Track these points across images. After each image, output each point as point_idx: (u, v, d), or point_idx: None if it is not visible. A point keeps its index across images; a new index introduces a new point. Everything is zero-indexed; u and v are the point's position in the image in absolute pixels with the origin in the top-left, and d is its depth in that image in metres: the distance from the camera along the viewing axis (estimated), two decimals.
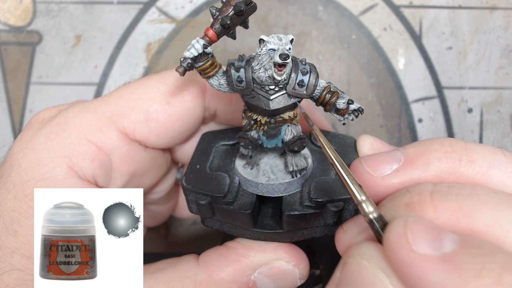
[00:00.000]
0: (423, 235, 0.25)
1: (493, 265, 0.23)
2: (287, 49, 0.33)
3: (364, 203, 0.29)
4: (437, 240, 0.25)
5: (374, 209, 0.29)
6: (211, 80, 0.37)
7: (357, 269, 0.28)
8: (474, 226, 0.26)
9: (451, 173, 0.31)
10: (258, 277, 0.39)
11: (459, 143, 0.32)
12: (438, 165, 0.32)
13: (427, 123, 0.63)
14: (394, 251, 0.25)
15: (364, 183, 0.33)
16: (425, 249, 0.24)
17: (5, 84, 0.63)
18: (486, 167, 0.31)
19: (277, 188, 0.39)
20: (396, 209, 0.30)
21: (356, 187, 0.30)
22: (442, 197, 0.28)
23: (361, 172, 0.34)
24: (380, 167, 0.33)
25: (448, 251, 0.24)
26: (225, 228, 0.41)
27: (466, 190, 0.28)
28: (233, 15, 0.34)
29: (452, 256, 0.24)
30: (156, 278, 0.38)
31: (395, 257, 0.25)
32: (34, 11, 0.64)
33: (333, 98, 0.36)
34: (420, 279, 0.24)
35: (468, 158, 0.31)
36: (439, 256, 0.24)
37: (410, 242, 0.25)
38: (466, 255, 0.24)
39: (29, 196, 0.36)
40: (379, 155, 0.34)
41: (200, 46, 0.34)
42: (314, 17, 0.64)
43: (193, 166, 0.41)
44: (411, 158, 0.33)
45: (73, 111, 0.40)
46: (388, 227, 0.26)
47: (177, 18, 0.64)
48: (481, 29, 0.62)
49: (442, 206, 0.27)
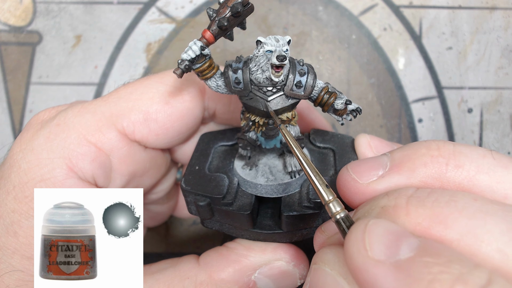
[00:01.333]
0: (380, 239, 0.24)
1: (446, 276, 0.22)
2: (284, 51, 0.33)
3: (331, 204, 0.28)
4: (394, 246, 0.24)
5: (341, 209, 0.28)
6: (209, 81, 0.37)
7: (321, 276, 0.27)
8: (447, 234, 0.25)
9: (437, 178, 0.30)
10: (258, 278, 0.39)
11: (447, 146, 0.31)
12: (424, 171, 0.30)
13: (427, 123, 0.63)
14: (351, 257, 0.24)
15: (350, 191, 0.32)
16: (379, 255, 0.23)
17: (5, 84, 0.63)
18: (474, 171, 0.29)
19: (276, 188, 0.39)
20: (370, 212, 0.29)
21: (323, 187, 0.29)
22: (418, 203, 0.27)
23: (347, 180, 0.33)
24: (366, 174, 0.32)
25: (403, 258, 0.23)
26: (225, 229, 0.41)
27: (445, 196, 0.27)
28: (230, 16, 0.34)
29: (406, 264, 0.23)
30: (157, 278, 0.38)
31: (351, 262, 0.24)
32: (34, 11, 0.64)
33: (331, 98, 0.36)
34: (374, 287, 0.23)
35: (456, 162, 0.30)
36: (392, 263, 0.23)
37: (367, 247, 0.24)
38: (420, 264, 0.23)
39: (29, 197, 0.36)
40: (366, 161, 0.34)
41: (197, 48, 0.34)
42: (314, 17, 0.64)
43: (192, 167, 0.41)
44: (397, 164, 0.32)
45: (72, 112, 0.40)
46: (349, 230, 0.25)
47: (177, 18, 0.64)
48: (481, 29, 0.62)
49: (415, 212, 0.26)
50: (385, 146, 0.40)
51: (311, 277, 0.29)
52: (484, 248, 0.24)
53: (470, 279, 0.21)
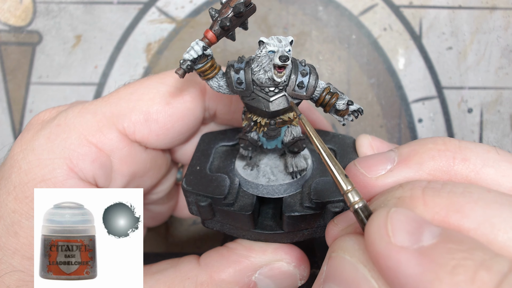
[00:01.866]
0: (402, 226, 0.24)
1: (469, 262, 0.22)
2: (286, 51, 0.33)
3: (350, 193, 0.28)
4: (417, 233, 0.24)
5: (359, 198, 0.28)
6: (211, 81, 0.37)
7: (340, 264, 0.27)
8: (464, 222, 0.26)
9: (445, 171, 0.31)
10: (259, 278, 0.39)
11: (453, 142, 0.32)
12: (432, 164, 0.31)
13: (427, 123, 0.63)
14: (373, 243, 0.25)
15: (359, 185, 0.33)
16: (403, 241, 0.24)
17: (5, 84, 0.63)
18: (480, 165, 0.30)
19: (277, 189, 0.39)
20: (386, 202, 0.29)
21: (342, 176, 0.29)
22: (434, 193, 0.28)
23: (355, 174, 0.33)
24: (374, 168, 0.33)
25: (426, 245, 0.24)
26: (226, 229, 0.41)
27: (460, 188, 0.28)
28: (233, 16, 0.34)
29: (430, 250, 0.23)
30: (157, 279, 0.38)
31: (373, 249, 0.25)
32: (34, 11, 0.64)
33: (333, 99, 0.36)
34: (396, 272, 0.23)
35: (462, 156, 0.31)
36: (416, 249, 0.24)
37: (389, 233, 0.24)
38: (443, 250, 0.23)
39: (29, 197, 0.36)
40: (373, 156, 0.34)
41: (199, 48, 0.34)
42: (314, 17, 0.64)
43: (193, 168, 0.41)
44: (405, 158, 0.33)
45: (73, 112, 0.40)
46: (370, 218, 0.26)
47: (177, 18, 0.64)
48: (481, 29, 0.62)
49: (432, 202, 0.27)
50: (386, 147, 0.40)
51: (328, 266, 0.29)
52: (500, 236, 0.25)
53: (493, 266, 0.22)
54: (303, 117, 0.35)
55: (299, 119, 0.34)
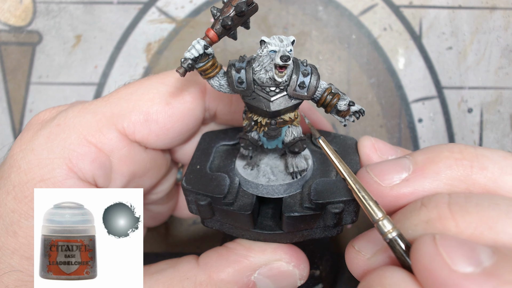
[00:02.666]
0: (458, 252, 0.24)
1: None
2: (288, 51, 0.33)
3: (381, 222, 0.27)
4: (474, 256, 0.24)
5: (393, 227, 0.27)
6: (212, 81, 0.37)
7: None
8: (499, 238, 0.25)
9: (463, 180, 0.30)
10: (258, 278, 0.39)
11: (469, 149, 0.31)
12: (449, 173, 0.30)
13: (427, 123, 0.63)
14: (432, 274, 0.23)
15: (373, 194, 0.32)
16: (465, 267, 0.23)
17: (5, 84, 0.63)
18: (498, 173, 0.30)
19: (277, 189, 0.39)
20: (414, 228, 0.28)
21: (373, 204, 0.28)
22: (462, 210, 0.27)
23: (368, 182, 0.33)
24: (389, 176, 0.32)
25: (488, 265, 0.23)
26: (225, 229, 0.41)
27: (485, 200, 0.27)
28: (234, 15, 0.34)
29: (494, 269, 0.23)
30: (156, 279, 0.38)
31: (433, 280, 0.23)
32: (34, 11, 0.64)
33: (334, 99, 0.36)
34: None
35: (480, 164, 0.30)
36: (481, 272, 0.23)
37: (447, 261, 0.23)
38: (507, 267, 0.23)
39: (28, 197, 0.36)
40: (386, 163, 0.33)
41: (200, 47, 0.34)
42: (314, 17, 0.64)
43: (193, 167, 0.41)
44: (421, 166, 0.31)
45: (73, 112, 0.40)
46: (414, 248, 0.25)
47: (177, 18, 0.64)
48: (481, 29, 0.62)
49: (463, 221, 0.26)
50: (389, 149, 0.40)
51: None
52: None
53: None
54: (323, 139, 0.34)
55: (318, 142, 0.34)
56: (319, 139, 0.34)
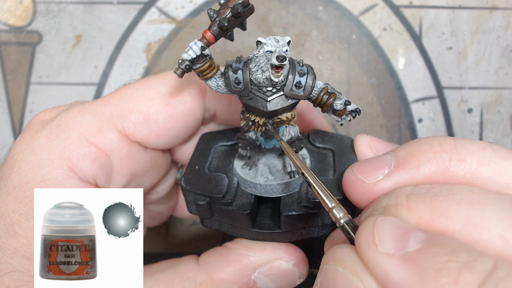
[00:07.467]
0: (389, 234, 0.25)
1: (453, 264, 0.23)
2: (284, 51, 0.33)
3: (334, 209, 0.29)
4: (402, 240, 0.25)
5: (344, 214, 0.29)
6: (209, 81, 0.37)
7: (333, 276, 0.28)
8: (448, 225, 0.26)
9: (441, 173, 0.31)
10: (258, 277, 0.39)
11: (448, 141, 0.32)
12: (428, 167, 0.31)
13: (427, 123, 0.63)
14: (362, 253, 0.25)
15: (358, 191, 0.33)
16: (389, 248, 0.25)
17: (5, 84, 0.63)
18: (476, 164, 0.30)
19: (275, 188, 0.39)
20: (373, 213, 0.30)
21: (326, 194, 0.30)
22: (418, 199, 0.28)
23: (353, 181, 0.34)
24: (372, 173, 0.33)
25: (412, 250, 0.24)
26: (224, 228, 0.41)
27: (443, 190, 0.28)
28: (231, 17, 0.34)
29: (415, 255, 0.24)
30: (157, 279, 0.38)
31: (363, 258, 0.25)
32: (34, 11, 0.64)
33: (330, 99, 0.37)
34: (385, 280, 0.24)
35: (458, 157, 0.31)
36: (401, 255, 0.24)
37: (376, 242, 0.25)
38: (428, 254, 0.24)
39: (29, 197, 0.36)
40: (370, 161, 0.34)
41: (198, 48, 0.34)
42: (314, 17, 0.64)
43: (192, 167, 0.41)
44: (402, 162, 0.33)
45: (73, 112, 0.40)
46: (358, 229, 0.27)
47: (177, 18, 0.64)
48: (481, 29, 0.62)
49: (416, 207, 0.28)
50: (384, 146, 0.40)
51: (322, 277, 0.29)
52: (484, 235, 0.25)
53: (476, 266, 0.22)
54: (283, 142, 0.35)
55: (280, 143, 0.35)
56: (280, 141, 0.36)
